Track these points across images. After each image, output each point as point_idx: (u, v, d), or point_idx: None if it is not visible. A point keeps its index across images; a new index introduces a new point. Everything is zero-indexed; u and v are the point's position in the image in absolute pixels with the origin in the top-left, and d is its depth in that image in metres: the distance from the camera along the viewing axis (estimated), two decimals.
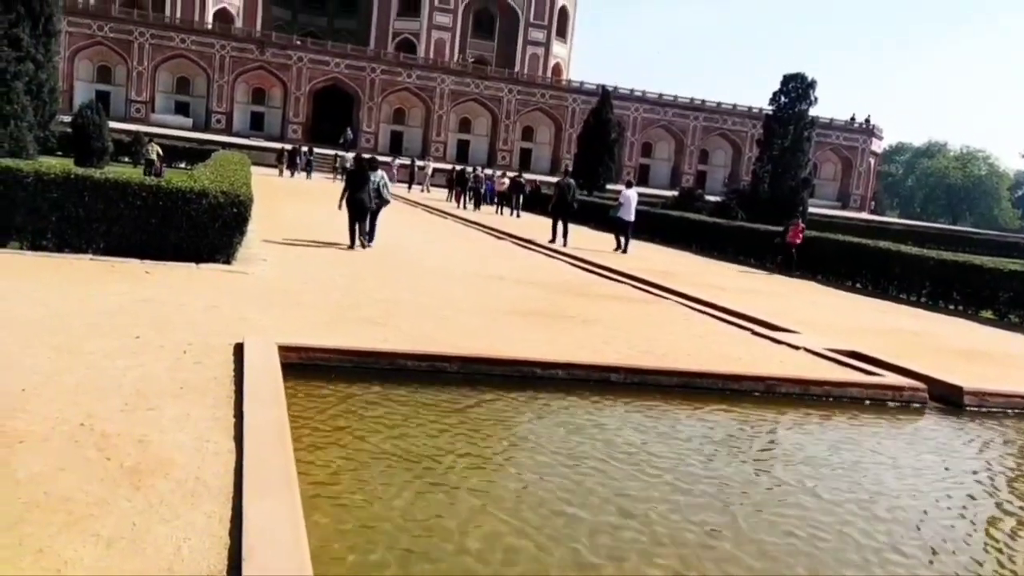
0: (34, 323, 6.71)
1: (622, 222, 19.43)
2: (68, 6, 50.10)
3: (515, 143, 71.50)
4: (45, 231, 10.14)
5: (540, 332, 8.88)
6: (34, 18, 24.28)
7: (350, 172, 15.79)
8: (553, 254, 17.59)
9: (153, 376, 5.67)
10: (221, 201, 10.61)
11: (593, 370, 7.45)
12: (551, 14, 78.27)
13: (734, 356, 8.69)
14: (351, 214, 14.76)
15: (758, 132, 47.77)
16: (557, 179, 25.00)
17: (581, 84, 72.86)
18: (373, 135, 67.14)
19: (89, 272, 9.23)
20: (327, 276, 11.13)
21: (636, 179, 70.93)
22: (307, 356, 6.82)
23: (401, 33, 76.11)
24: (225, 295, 8.82)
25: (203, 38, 64.19)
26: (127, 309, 7.59)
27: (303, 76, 65.50)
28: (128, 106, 61.77)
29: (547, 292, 11.96)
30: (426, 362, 7.14)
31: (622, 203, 19.58)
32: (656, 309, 11.53)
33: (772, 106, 36.31)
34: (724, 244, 21.96)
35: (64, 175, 10.26)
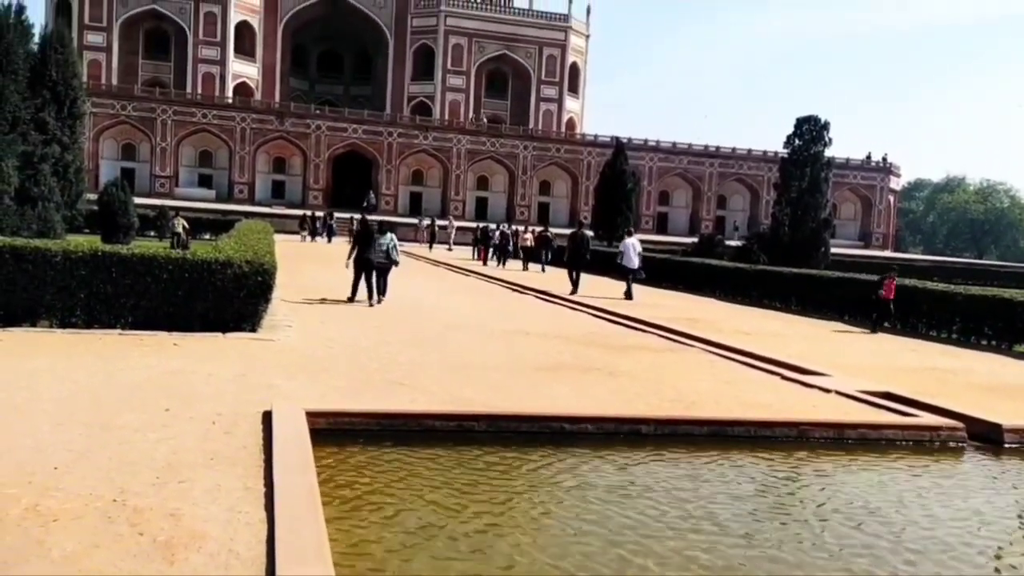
0: (65, 400, 6.78)
1: (626, 269, 20.31)
2: (92, 88, 51.73)
3: (533, 198, 72.09)
4: (74, 308, 10.30)
5: (567, 386, 8.84)
6: (59, 102, 25.10)
7: (356, 233, 16.76)
8: (576, 306, 17.59)
9: (184, 448, 5.69)
10: (246, 271, 10.75)
11: (622, 423, 7.39)
12: (562, 71, 79.55)
13: (764, 402, 8.58)
14: (357, 271, 15.73)
15: (774, 175, 47.85)
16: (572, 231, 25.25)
17: (595, 137, 73.62)
18: (393, 197, 68.01)
19: (118, 347, 9.34)
20: (352, 339, 11.17)
21: (655, 227, 71.41)
22: (335, 421, 6.82)
23: (416, 97, 77.58)
24: (252, 363, 8.88)
25: (224, 112, 65.74)
26: (156, 382, 7.65)
27: (322, 143, 66.73)
28: (153, 181, 63.11)
29: (572, 345, 11.93)
30: (454, 422, 7.11)
31: (623, 251, 20.64)
32: (682, 357, 11.45)
33: (787, 149, 36.43)
34: (747, 288, 21.86)
35: (91, 253, 10.46)
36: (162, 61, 72.37)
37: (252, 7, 73.89)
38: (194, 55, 71.20)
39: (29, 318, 10.14)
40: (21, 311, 10.11)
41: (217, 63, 71.90)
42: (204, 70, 71.44)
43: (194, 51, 71.16)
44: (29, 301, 10.13)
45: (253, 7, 73.97)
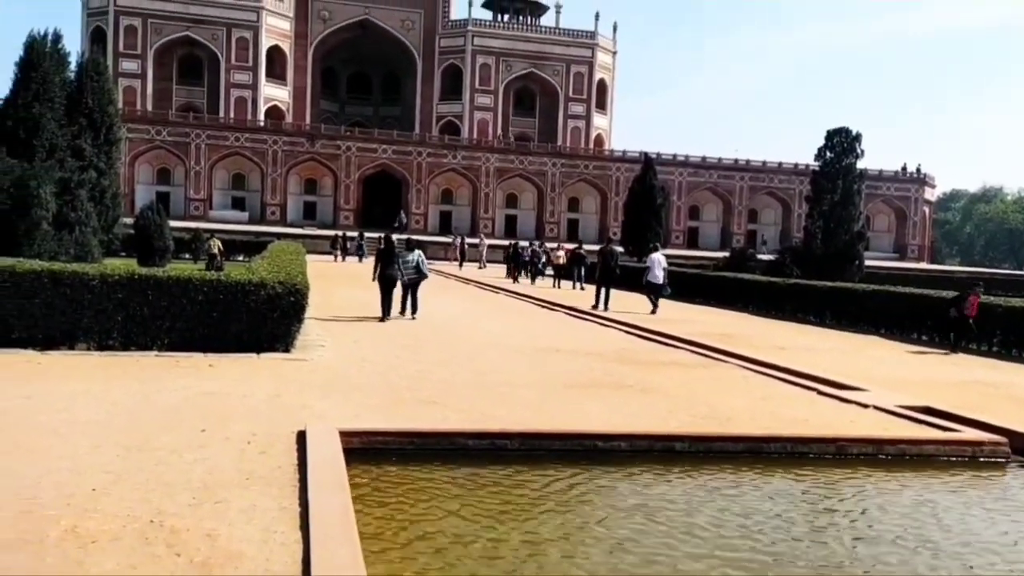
0: (103, 423, 6.87)
1: (652, 284, 20.53)
2: (127, 114, 52.77)
3: (562, 214, 72.12)
4: (111, 331, 10.45)
5: (599, 403, 8.79)
6: (96, 128, 25.66)
7: (379, 251, 17.01)
8: (607, 323, 17.52)
9: (219, 468, 5.73)
10: (279, 291, 10.85)
11: (656, 440, 7.32)
12: (589, 88, 79.70)
13: (800, 418, 8.46)
14: (382, 288, 16.21)
15: (806, 188, 47.45)
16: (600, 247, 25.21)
17: (624, 153, 73.55)
18: (423, 216, 68.42)
19: (155, 369, 9.46)
20: (383, 358, 11.22)
21: (685, 242, 71.04)
22: (368, 440, 6.84)
23: (444, 116, 78.14)
24: (286, 383, 8.94)
25: (256, 135, 66.69)
26: (192, 403, 7.73)
27: (352, 164, 67.39)
28: (187, 204, 64.08)
29: (604, 362, 11.87)
30: (486, 440, 7.10)
31: (649, 266, 20.82)
32: (715, 373, 11.34)
33: (818, 162, 36.13)
34: (781, 303, 21.62)
35: (128, 276, 10.62)
36: (195, 86, 73.66)
37: (283, 32, 75.05)
38: (227, 80, 72.40)
39: (67, 341, 10.31)
40: (59, 334, 10.29)
41: (249, 87, 73.04)
42: (236, 94, 72.60)
43: (227, 76, 72.36)
44: (67, 324, 10.30)
45: (284, 32, 75.13)
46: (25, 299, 10.16)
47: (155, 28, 70.69)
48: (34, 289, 10.19)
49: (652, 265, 20.64)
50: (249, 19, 72.49)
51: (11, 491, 5.10)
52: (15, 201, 20.62)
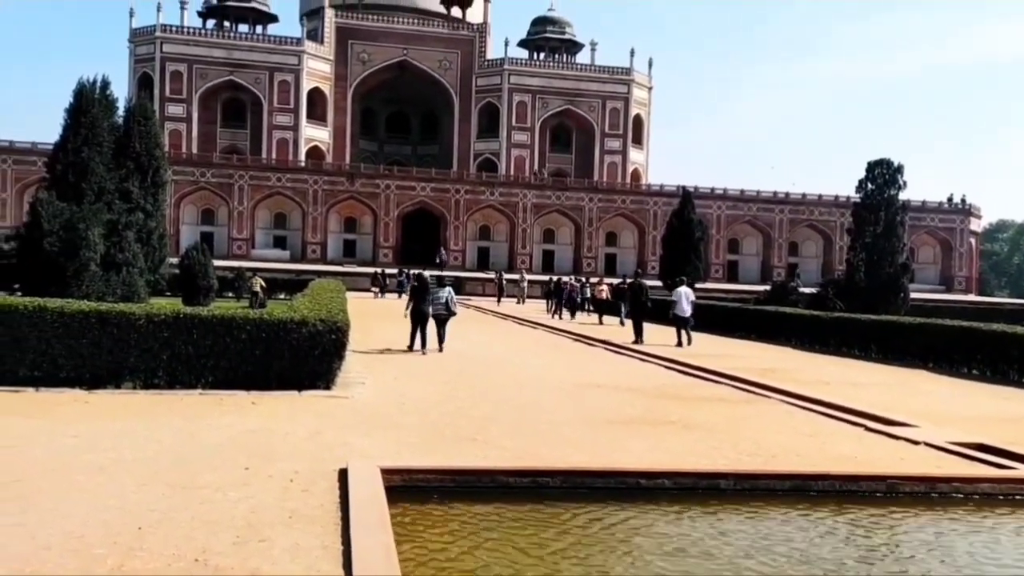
0: (148, 461, 6.95)
1: (679, 318, 20.54)
2: (173, 157, 54.08)
3: (599, 249, 72.04)
4: (157, 369, 10.61)
5: (641, 440, 8.68)
6: (143, 171, 26.34)
7: (412, 288, 18.17)
8: (647, 358, 17.37)
9: (263, 507, 5.75)
10: (320, 329, 10.95)
11: (700, 477, 7.20)
12: (625, 124, 79.97)
13: (848, 455, 8.28)
14: (413, 322, 16.98)
15: (847, 221, 46.87)
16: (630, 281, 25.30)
17: (661, 187, 73.45)
18: (461, 252, 68.81)
19: (199, 407, 9.57)
20: (424, 395, 11.23)
21: (725, 276, 70.46)
22: (409, 478, 6.83)
23: (482, 154, 78.86)
24: (327, 421, 8.99)
25: (297, 175, 67.86)
26: (236, 441, 7.80)
27: (391, 202, 68.17)
28: (230, 244, 65.20)
29: (645, 398, 11.76)
30: (527, 478, 7.04)
31: (676, 300, 20.82)
32: (759, 409, 11.16)
33: (859, 194, 35.73)
34: (824, 336, 21.27)
35: (173, 315, 10.81)
36: (239, 129, 75.32)
37: (323, 75, 76.62)
38: (269, 122, 73.94)
39: (114, 380, 10.48)
40: (106, 373, 10.47)
41: (290, 129, 74.50)
42: (278, 136, 74.06)
43: (269, 118, 73.92)
44: (114, 363, 10.48)
45: (324, 74, 76.70)
46: (73, 339, 10.37)
47: (200, 73, 72.60)
48: (82, 329, 10.40)
49: (679, 299, 20.75)
50: (291, 63, 74.17)
51: (59, 530, 5.17)
52: (64, 243, 21.16)
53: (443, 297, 17.30)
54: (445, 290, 17.58)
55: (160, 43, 71.88)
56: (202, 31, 74.91)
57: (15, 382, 10.16)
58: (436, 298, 17.15)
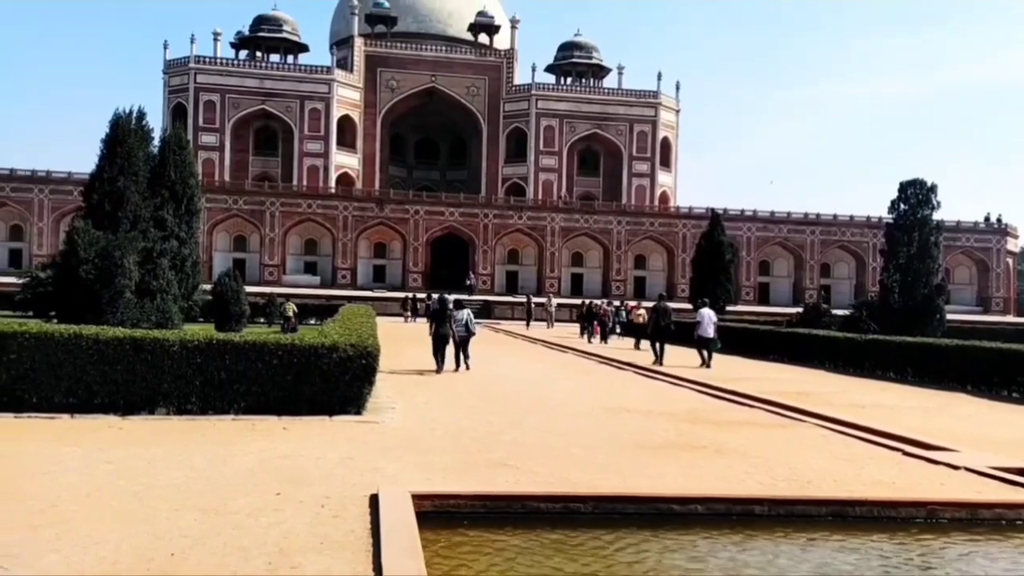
0: (181, 486, 6.99)
1: (702, 339, 20.70)
2: (206, 185, 54.87)
3: (628, 272, 71.83)
4: (190, 395, 10.70)
5: (673, 465, 8.58)
6: (177, 200, 26.77)
7: (433, 311, 18.98)
8: (677, 381, 17.21)
9: (294, 532, 5.75)
10: (351, 354, 10.98)
11: (734, 503, 7.09)
12: (653, 147, 79.95)
13: (886, 480, 8.11)
14: (435, 344, 17.71)
15: (880, 242, 46.38)
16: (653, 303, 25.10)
17: (690, 209, 73.19)
18: (489, 276, 68.95)
19: (231, 432, 9.63)
20: (454, 419, 11.21)
21: (756, 298, 69.87)
22: (440, 504, 6.80)
23: (510, 178, 79.21)
24: (358, 446, 8.99)
25: (327, 201, 68.58)
26: (268, 466, 7.82)
27: (420, 227, 68.60)
28: (262, 270, 65.91)
29: (676, 422, 11.63)
30: (559, 503, 6.98)
31: (699, 321, 20.99)
32: (793, 433, 11.00)
33: (892, 214, 35.34)
34: (859, 359, 20.96)
35: (206, 341, 10.91)
36: (270, 156, 76.39)
37: (353, 102, 77.59)
38: (300, 149, 74.92)
39: (148, 406, 10.58)
40: (140, 399, 10.58)
41: (321, 156, 75.41)
42: (309, 163, 74.99)
43: (300, 146, 74.91)
44: (148, 390, 10.59)
45: (354, 102, 77.67)
46: (108, 365, 10.49)
47: (233, 103, 73.87)
48: (117, 356, 10.53)
49: (702, 320, 20.88)
50: (321, 91, 75.23)
51: (93, 555, 5.20)
52: (100, 271, 21.51)
53: (462, 319, 18.03)
54: (464, 312, 18.38)
55: (194, 74, 73.35)
56: (235, 61, 76.37)
57: (51, 409, 10.30)
58: (456, 320, 17.89)
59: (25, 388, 10.36)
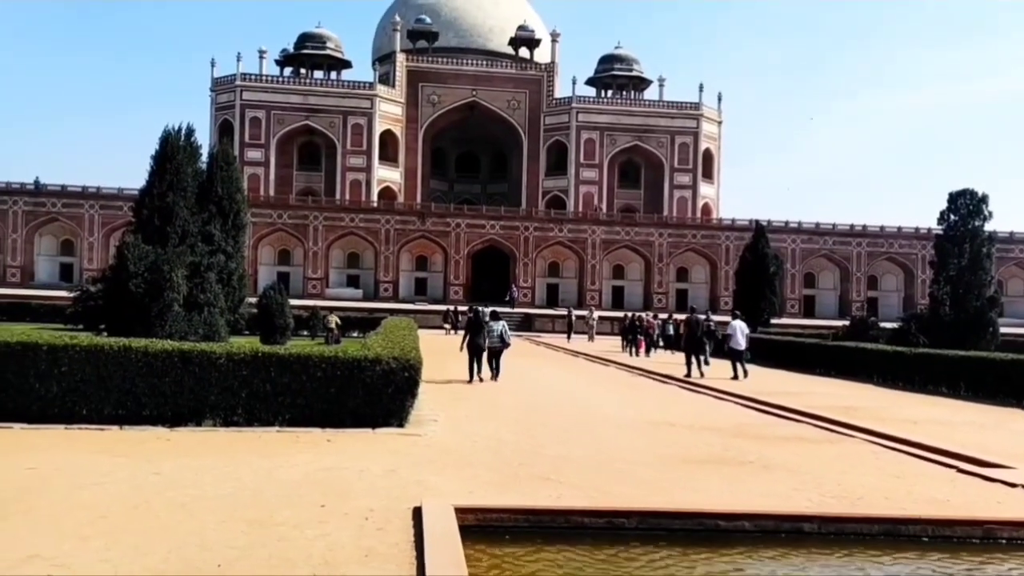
0: (228, 497, 7.05)
1: (734, 351, 20.89)
2: (251, 200, 55.75)
3: (670, 285, 71.24)
4: (236, 407, 10.83)
5: (719, 480, 8.45)
6: (224, 215, 27.19)
7: (468, 322, 19.36)
8: (722, 395, 16.99)
9: (339, 545, 5.77)
10: (393, 367, 11.03)
11: (783, 520, 6.95)
12: (695, 158, 79.40)
13: (940, 498, 7.90)
14: (470, 354, 18.21)
15: (929, 253, 45.43)
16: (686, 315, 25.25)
17: (733, 221, 72.42)
18: (530, 289, 68.91)
19: (276, 444, 9.71)
20: (496, 432, 11.18)
21: (801, 311, 68.87)
22: (483, 517, 6.77)
23: (550, 191, 79.21)
24: (401, 459, 9.01)
25: (370, 215, 69.20)
26: (312, 478, 7.87)
27: (461, 240, 68.87)
28: (305, 283, 66.64)
29: (721, 436, 11.47)
30: (603, 518, 6.91)
31: (730, 333, 21.18)
32: (842, 449, 10.77)
33: (941, 225, 34.60)
34: (908, 373, 20.50)
35: (252, 354, 11.04)
36: (314, 171, 77.36)
37: (395, 117, 78.35)
38: (343, 164, 75.78)
39: (195, 417, 10.73)
40: (187, 411, 10.73)
41: (363, 170, 76.18)
42: (352, 177, 75.79)
43: (343, 160, 75.76)
44: (195, 401, 10.75)
45: (396, 117, 78.43)
46: (156, 378, 10.67)
47: (277, 119, 75.04)
48: (165, 368, 10.71)
49: (734, 332, 21.10)
50: (364, 106, 76.07)
51: (141, 565, 5.26)
52: (149, 284, 21.92)
53: (497, 330, 18.57)
54: (499, 323, 18.84)
55: (240, 91, 74.68)
56: (279, 78, 77.60)
57: (100, 420, 10.50)
58: (490, 331, 18.40)
59: (76, 400, 10.58)
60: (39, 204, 65.46)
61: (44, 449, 8.93)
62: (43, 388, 10.53)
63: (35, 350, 10.62)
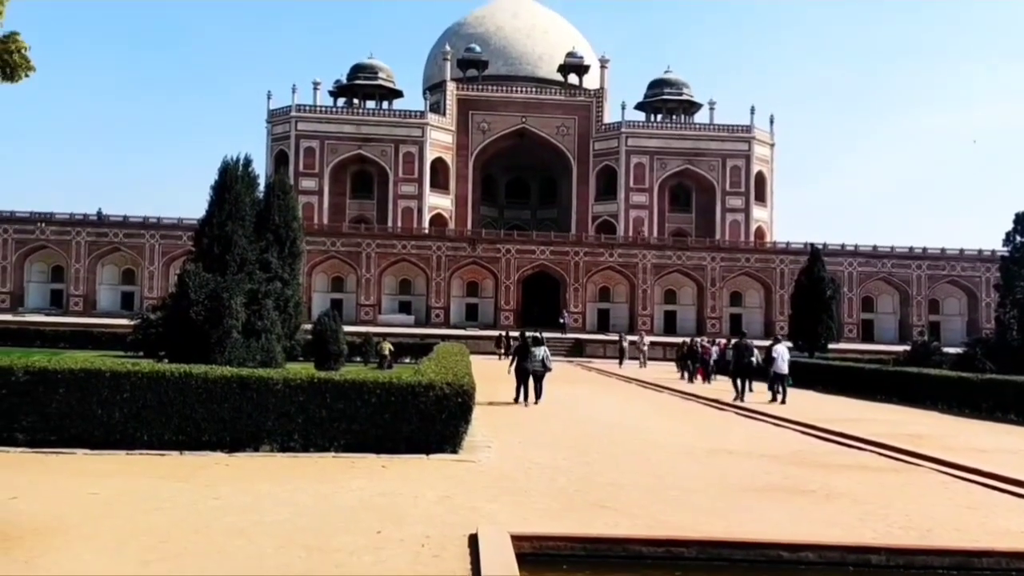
0: (285, 522, 7.10)
1: (777, 375, 21.03)
2: (306, 228, 56.73)
3: (723, 309, 70.32)
4: (292, 432, 10.93)
5: (779, 509, 8.25)
6: (281, 243, 27.68)
7: (516, 347, 20.41)
8: (779, 422, 16.64)
9: (395, 571, 5.76)
10: (447, 392, 11.04)
11: (848, 551, 6.75)
12: (747, 181, 78.59)
13: (1015, 530, 7.59)
14: (518, 377, 19.07)
15: (994, 276, 44.13)
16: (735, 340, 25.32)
17: (787, 244, 71.34)
18: (580, 314, 68.68)
19: (332, 470, 9.77)
20: (550, 459, 11.09)
21: (859, 335, 67.39)
22: (539, 545, 6.70)
23: (600, 216, 79.08)
24: (456, 485, 8.98)
25: (421, 242, 69.87)
26: (368, 504, 7.88)
27: (512, 266, 69.05)
28: (358, 310, 67.39)
29: (780, 464, 11.21)
30: (662, 547, 6.78)
31: (774, 358, 21.15)
32: (908, 478, 10.43)
33: (1007, 247, 33.61)
34: (975, 400, 19.84)
35: (308, 380, 11.15)
36: (366, 199, 78.48)
37: (446, 145, 79.23)
38: (395, 192, 76.76)
39: (253, 443, 10.86)
40: (246, 436, 10.87)
41: (415, 198, 77.05)
42: (403, 205, 76.69)
43: (395, 188, 76.75)
44: (253, 427, 10.88)
45: (446, 145, 79.30)
46: (216, 404, 10.85)
47: (331, 148, 76.44)
48: (224, 394, 10.88)
49: (777, 356, 21.13)
50: (415, 135, 77.10)
51: None
52: (209, 312, 22.36)
53: (539, 355, 19.25)
54: (541, 349, 19.52)
55: (295, 122, 76.32)
56: (333, 109, 79.12)
57: (161, 446, 10.69)
58: (533, 356, 19.10)
59: (137, 426, 10.79)
60: (102, 235, 67.46)
61: (106, 474, 9.11)
62: (105, 414, 10.77)
63: (98, 376, 10.87)
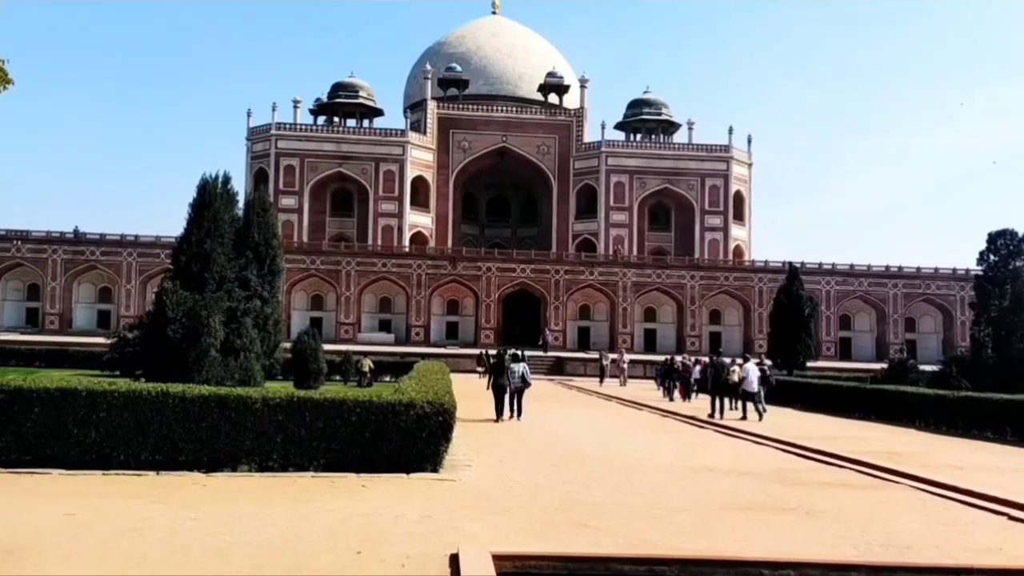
0: (264, 543, 7.01)
1: (747, 393, 21.48)
2: (286, 246, 56.45)
3: (703, 327, 70.59)
4: (271, 452, 10.81)
5: (761, 527, 8.26)
6: (260, 260, 27.50)
7: (492, 364, 20.92)
8: (761, 440, 16.70)
9: None
10: (427, 411, 10.98)
11: (830, 569, 6.76)
12: (726, 201, 79.18)
13: (993, 547, 7.64)
14: (495, 394, 19.37)
15: (968, 295, 44.66)
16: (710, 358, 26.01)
17: (766, 263, 71.86)
18: (561, 332, 68.69)
19: (311, 489, 9.67)
20: (531, 478, 11.05)
21: (837, 354, 67.89)
22: (521, 564, 6.66)
23: (580, 234, 79.34)
24: (436, 504, 8.92)
25: (401, 260, 69.71)
26: (348, 524, 7.81)
27: (492, 284, 69.03)
28: (338, 328, 67.02)
29: (761, 482, 11.24)
30: (644, 566, 6.77)
31: (745, 376, 21.56)
32: (887, 495, 10.49)
33: (981, 266, 34.07)
34: (951, 417, 20.02)
35: (287, 399, 11.05)
36: (346, 217, 78.26)
37: (426, 164, 79.29)
38: (375, 210, 76.60)
39: (231, 463, 10.73)
40: (223, 456, 10.74)
41: (395, 216, 76.92)
42: (384, 223, 76.52)
43: (375, 207, 76.60)
44: (231, 446, 10.75)
45: (427, 163, 79.37)
46: (193, 423, 10.72)
47: (311, 166, 76.26)
48: (202, 413, 10.75)
49: (747, 374, 21.56)
50: (395, 153, 77.11)
51: None
52: (187, 330, 22.14)
53: (518, 371, 19.58)
54: (520, 365, 19.90)
55: (275, 140, 76.12)
56: (313, 127, 79.02)
57: (138, 466, 10.54)
58: (512, 372, 19.38)
59: (113, 446, 10.63)
60: (78, 252, 66.73)
61: (82, 495, 8.97)
62: (81, 434, 10.62)
63: (74, 396, 10.73)
